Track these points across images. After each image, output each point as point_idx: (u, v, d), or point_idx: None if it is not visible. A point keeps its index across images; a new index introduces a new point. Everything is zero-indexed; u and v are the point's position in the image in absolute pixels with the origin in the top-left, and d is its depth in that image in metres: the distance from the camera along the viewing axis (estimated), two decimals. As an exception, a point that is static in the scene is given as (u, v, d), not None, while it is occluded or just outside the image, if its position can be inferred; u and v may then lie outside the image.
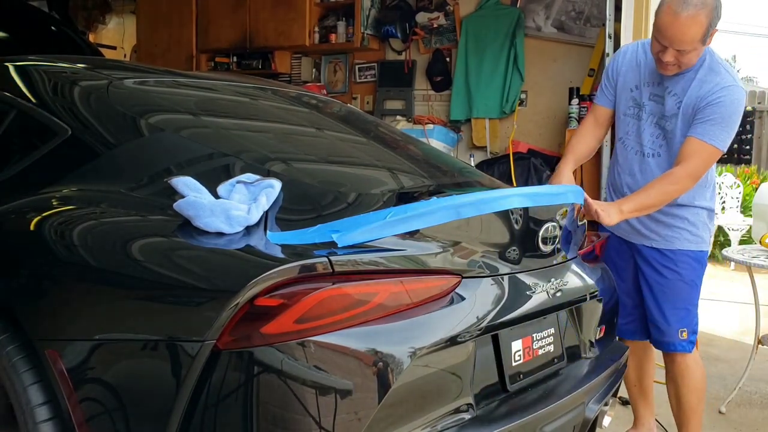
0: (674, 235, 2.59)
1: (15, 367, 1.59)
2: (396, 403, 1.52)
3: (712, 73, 2.43)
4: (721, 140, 2.39)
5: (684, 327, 2.62)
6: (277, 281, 1.42)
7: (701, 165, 2.42)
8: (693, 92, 2.44)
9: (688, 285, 2.61)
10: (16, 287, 1.68)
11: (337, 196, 1.73)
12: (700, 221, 2.61)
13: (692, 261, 2.60)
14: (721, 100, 2.38)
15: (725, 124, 2.39)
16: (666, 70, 2.44)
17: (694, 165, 2.40)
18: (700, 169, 2.42)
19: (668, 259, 2.61)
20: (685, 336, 2.62)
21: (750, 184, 8.13)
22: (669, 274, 2.61)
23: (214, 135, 1.96)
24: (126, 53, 7.26)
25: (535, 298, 1.88)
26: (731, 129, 2.41)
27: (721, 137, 2.39)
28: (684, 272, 2.60)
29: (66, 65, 2.31)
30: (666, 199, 2.46)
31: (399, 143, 2.50)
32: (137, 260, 1.56)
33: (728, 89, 2.40)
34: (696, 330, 2.67)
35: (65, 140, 1.91)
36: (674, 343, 2.63)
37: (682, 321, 2.62)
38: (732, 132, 2.42)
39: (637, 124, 2.60)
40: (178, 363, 1.44)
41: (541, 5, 5.11)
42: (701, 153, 2.39)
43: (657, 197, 2.44)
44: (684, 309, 2.61)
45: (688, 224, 2.58)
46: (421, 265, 1.62)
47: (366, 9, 5.41)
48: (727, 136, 2.41)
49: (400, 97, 5.57)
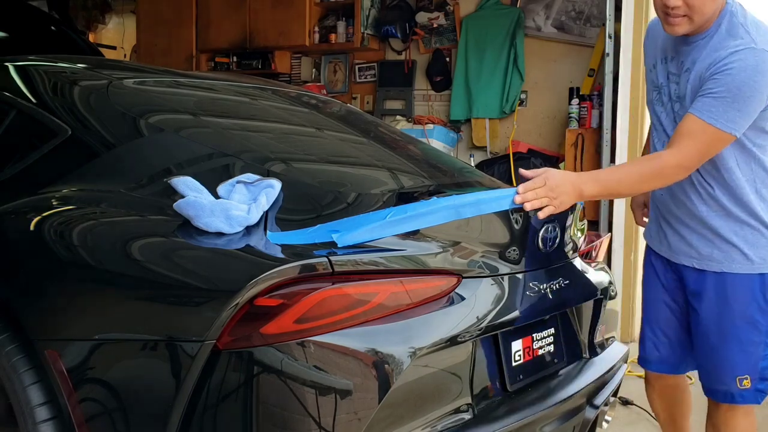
0: (722, 255, 2.03)
1: (15, 367, 1.59)
2: (396, 403, 1.52)
3: (729, 38, 1.88)
4: (727, 119, 1.84)
5: (744, 373, 2.03)
6: (277, 281, 1.42)
7: (696, 151, 1.89)
8: (703, 62, 1.91)
9: (746, 322, 2.02)
10: (15, 287, 1.67)
11: (337, 196, 1.72)
12: (761, 237, 2.01)
13: (748, 290, 2.02)
14: (731, 68, 1.83)
15: (733, 99, 1.83)
16: (674, 25, 1.91)
17: (686, 151, 1.89)
18: (694, 156, 1.89)
19: (716, 286, 2.04)
20: (747, 384, 2.03)
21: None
22: (718, 305, 2.04)
23: (214, 135, 1.96)
24: (126, 53, 7.26)
25: (535, 298, 1.88)
26: (743, 105, 1.84)
27: (728, 116, 1.84)
28: (736, 305, 2.02)
29: (66, 65, 2.31)
30: (642, 188, 2.05)
31: (399, 143, 2.50)
32: (137, 260, 1.56)
33: (742, 53, 1.83)
34: (766, 376, 2.05)
35: (65, 140, 1.90)
36: (731, 393, 2.05)
37: (739, 366, 2.03)
38: (746, 109, 1.84)
39: (659, 112, 2.10)
40: (177, 363, 1.44)
41: (541, 5, 5.11)
42: (697, 135, 1.87)
43: (632, 186, 2.00)
44: (742, 351, 2.03)
45: (742, 242, 2.01)
46: (421, 265, 1.62)
47: (366, 9, 5.41)
48: (737, 114, 1.84)
49: (400, 97, 5.58)
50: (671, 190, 2.07)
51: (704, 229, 2.04)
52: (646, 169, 1.96)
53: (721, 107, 1.84)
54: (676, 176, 1.94)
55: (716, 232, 2.03)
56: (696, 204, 2.04)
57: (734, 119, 1.85)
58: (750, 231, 2.00)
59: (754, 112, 1.87)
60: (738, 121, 1.85)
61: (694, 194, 2.04)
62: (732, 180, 1.99)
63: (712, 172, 2.00)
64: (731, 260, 2.01)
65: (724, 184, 2.00)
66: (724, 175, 1.99)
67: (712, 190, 2.01)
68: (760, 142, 1.98)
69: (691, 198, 2.05)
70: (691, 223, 2.06)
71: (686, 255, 2.09)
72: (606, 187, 1.95)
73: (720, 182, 2.00)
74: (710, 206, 2.02)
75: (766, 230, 2.01)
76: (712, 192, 2.01)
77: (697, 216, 2.05)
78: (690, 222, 2.07)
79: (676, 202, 2.10)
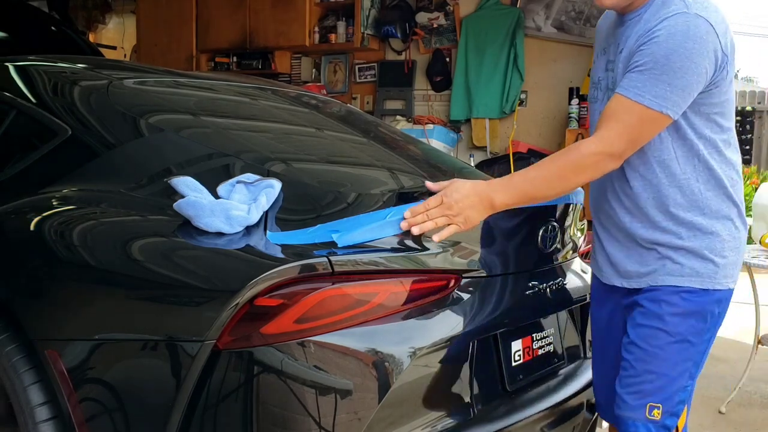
0: (655, 265, 1.70)
1: (15, 367, 1.59)
2: (396, 403, 1.52)
3: (663, 8, 1.60)
4: (655, 95, 1.54)
5: (658, 401, 1.70)
6: (277, 281, 1.42)
7: (621, 134, 1.58)
8: (633, 37, 1.63)
9: (676, 341, 1.68)
10: (16, 287, 1.68)
11: (337, 196, 1.72)
12: (707, 240, 1.67)
13: (687, 306, 1.68)
14: (658, 35, 1.54)
15: (660, 71, 1.53)
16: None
17: (608, 134, 1.59)
18: (618, 141, 1.58)
19: (649, 300, 1.72)
20: (656, 416, 1.70)
21: (750, 184, 8.13)
22: (647, 320, 1.71)
23: (214, 135, 1.96)
24: (126, 53, 7.26)
25: (535, 298, 1.88)
26: (674, 77, 1.53)
27: (656, 90, 1.54)
28: (670, 321, 1.68)
29: (66, 65, 2.31)
30: (564, 187, 1.66)
31: (399, 143, 2.50)
32: (137, 260, 1.56)
33: (671, 19, 1.55)
34: (678, 411, 1.72)
35: (65, 140, 1.91)
36: (635, 421, 1.71)
37: (655, 391, 1.70)
38: (678, 83, 1.53)
39: (594, 111, 1.81)
40: (178, 363, 1.44)
41: (541, 5, 5.11)
42: (621, 115, 1.58)
43: (550, 185, 1.64)
44: (663, 375, 1.69)
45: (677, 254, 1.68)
46: (421, 265, 1.62)
47: (366, 9, 5.41)
48: (667, 89, 1.53)
49: (400, 97, 5.58)
50: (593, 193, 1.79)
51: (629, 241, 1.72)
52: (563, 162, 1.63)
53: (648, 81, 1.55)
54: (602, 166, 1.61)
55: (643, 245, 1.70)
56: (616, 210, 1.72)
57: (664, 95, 1.54)
58: (687, 240, 1.67)
59: (688, 87, 1.55)
60: (669, 97, 1.54)
61: (613, 197, 1.73)
62: (666, 178, 1.65)
63: (640, 168, 1.68)
64: (665, 273, 1.69)
65: (652, 184, 1.67)
66: (657, 170, 1.66)
67: (633, 190, 1.68)
68: (707, 134, 1.64)
69: (610, 201, 1.74)
70: (616, 233, 1.74)
71: (613, 274, 1.77)
72: (520, 191, 1.63)
73: (648, 180, 1.67)
74: (634, 215, 1.70)
75: (705, 239, 1.67)
76: (634, 193, 1.68)
77: (620, 225, 1.72)
78: (614, 232, 1.74)
79: (597, 206, 1.79)
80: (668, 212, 1.67)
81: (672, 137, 1.64)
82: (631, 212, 1.71)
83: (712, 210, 1.67)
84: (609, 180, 1.72)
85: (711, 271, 1.67)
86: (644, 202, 1.68)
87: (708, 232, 1.67)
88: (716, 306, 1.70)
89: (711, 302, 1.69)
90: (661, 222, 1.67)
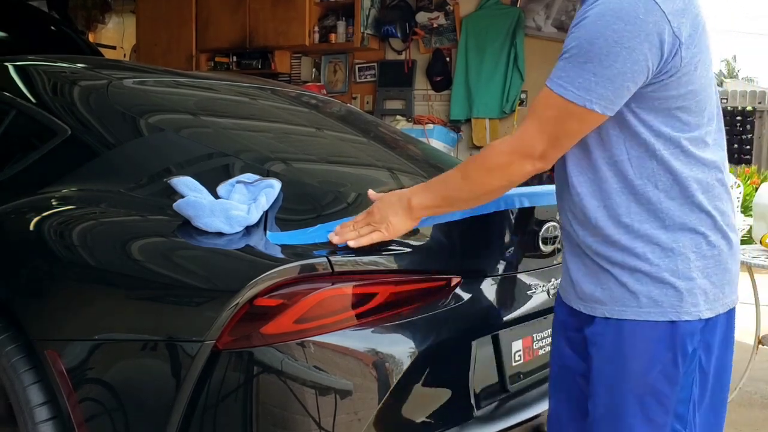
0: (609, 295, 1.40)
1: (15, 367, 1.59)
2: (396, 403, 1.52)
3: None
4: (579, 86, 1.28)
5: None
6: (277, 281, 1.42)
7: (538, 131, 1.34)
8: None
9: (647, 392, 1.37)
10: (16, 287, 1.68)
11: (337, 196, 1.72)
12: (667, 259, 1.36)
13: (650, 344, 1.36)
14: (586, 17, 1.30)
15: (585, 58, 1.28)
16: None
17: (524, 131, 1.37)
18: (535, 138, 1.34)
19: (613, 337, 1.40)
20: None
21: (750, 184, 8.13)
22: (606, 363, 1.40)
23: (213, 135, 1.96)
24: (126, 53, 7.27)
25: (535, 298, 1.88)
26: (600, 66, 1.26)
27: (579, 81, 1.28)
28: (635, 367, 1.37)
29: (66, 65, 2.31)
30: (476, 189, 1.45)
31: (399, 143, 2.50)
32: (137, 260, 1.56)
33: (597, 4, 1.29)
34: None
35: (65, 140, 1.91)
36: None
37: None
38: (606, 72, 1.26)
39: None
40: (177, 363, 1.44)
41: (541, 5, 5.11)
42: (541, 110, 1.35)
43: (460, 186, 1.46)
44: None
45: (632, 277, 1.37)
46: (421, 265, 1.62)
47: (366, 9, 5.41)
48: (592, 79, 1.27)
49: (400, 96, 5.58)
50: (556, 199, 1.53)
51: (585, 256, 1.43)
52: (474, 162, 1.45)
53: (572, 71, 1.30)
54: (516, 168, 1.37)
55: (598, 262, 1.41)
56: (570, 220, 1.45)
57: (588, 86, 1.28)
58: (643, 259, 1.36)
59: (620, 77, 1.27)
60: (594, 89, 1.28)
61: (566, 204, 1.47)
62: (618, 183, 1.37)
63: (587, 171, 1.40)
64: (623, 304, 1.38)
65: (602, 190, 1.38)
66: (607, 174, 1.38)
67: (581, 197, 1.40)
68: (667, 132, 1.34)
69: (564, 210, 1.48)
70: (574, 247, 1.47)
71: (573, 295, 1.48)
72: (435, 192, 1.49)
73: (597, 185, 1.39)
74: (585, 226, 1.41)
75: (665, 257, 1.36)
76: (582, 200, 1.40)
77: (573, 238, 1.46)
78: (572, 246, 1.48)
79: (560, 215, 1.53)
80: (621, 223, 1.37)
81: (624, 135, 1.36)
82: (582, 223, 1.42)
83: (675, 222, 1.36)
84: (560, 184, 1.48)
85: (672, 299, 1.35)
86: (593, 210, 1.39)
87: (668, 249, 1.35)
88: (687, 342, 1.35)
89: (678, 338, 1.35)
90: (613, 235, 1.37)
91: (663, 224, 1.36)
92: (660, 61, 1.29)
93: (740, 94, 11.45)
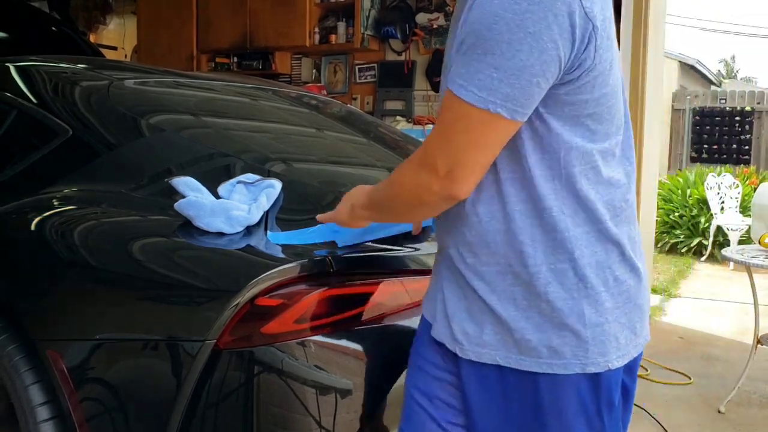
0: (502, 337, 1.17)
1: (16, 366, 1.60)
2: (396, 402, 1.53)
3: None
4: (480, 85, 1.05)
5: None
6: (278, 281, 1.42)
7: (434, 138, 1.13)
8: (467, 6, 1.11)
9: None
10: (17, 287, 1.68)
11: (337, 196, 1.72)
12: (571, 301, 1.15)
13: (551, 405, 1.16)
14: (476, 3, 1.07)
15: (483, 49, 1.05)
16: None
17: (429, 141, 1.14)
18: (435, 150, 1.12)
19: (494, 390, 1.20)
20: None
21: (749, 184, 8.14)
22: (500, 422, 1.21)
23: (214, 135, 1.96)
24: (127, 54, 7.27)
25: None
26: (502, 58, 1.03)
27: (478, 79, 1.05)
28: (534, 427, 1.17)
29: (67, 66, 2.31)
30: (395, 203, 1.25)
31: (399, 143, 2.50)
32: (138, 260, 1.57)
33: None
34: None
35: (66, 140, 1.91)
36: None
37: None
38: (508, 66, 1.03)
39: None
40: (178, 363, 1.44)
41: (540, 6, 5.11)
42: (442, 115, 1.12)
43: (382, 198, 1.28)
44: None
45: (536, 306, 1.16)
46: (421, 265, 1.62)
47: (366, 9, 5.42)
48: (493, 74, 1.04)
49: (400, 97, 5.58)
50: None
51: (467, 289, 1.21)
52: (392, 176, 1.24)
53: (470, 66, 1.06)
54: (424, 188, 1.14)
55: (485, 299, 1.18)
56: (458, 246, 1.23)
57: (489, 85, 1.05)
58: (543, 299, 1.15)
59: (526, 70, 1.04)
60: (497, 87, 1.05)
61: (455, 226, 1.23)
62: (522, 205, 1.15)
63: (489, 187, 1.18)
64: (518, 352, 1.16)
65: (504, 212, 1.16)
66: (510, 193, 1.16)
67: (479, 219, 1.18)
68: (579, 143, 1.14)
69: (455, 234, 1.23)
70: (451, 275, 1.24)
71: (447, 333, 1.24)
72: (369, 197, 1.31)
73: (499, 207, 1.17)
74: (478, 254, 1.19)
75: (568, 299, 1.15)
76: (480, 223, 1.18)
77: (456, 265, 1.23)
78: (448, 274, 1.25)
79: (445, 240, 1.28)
80: (522, 254, 1.15)
81: (532, 147, 1.14)
82: (474, 250, 1.19)
83: (584, 254, 1.15)
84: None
85: (574, 347, 1.14)
86: (492, 236, 1.17)
87: (572, 286, 1.14)
88: (595, 397, 1.16)
89: (586, 393, 1.15)
90: (514, 266, 1.16)
91: (570, 257, 1.14)
92: (572, 49, 1.06)
93: (739, 94, 11.47)
